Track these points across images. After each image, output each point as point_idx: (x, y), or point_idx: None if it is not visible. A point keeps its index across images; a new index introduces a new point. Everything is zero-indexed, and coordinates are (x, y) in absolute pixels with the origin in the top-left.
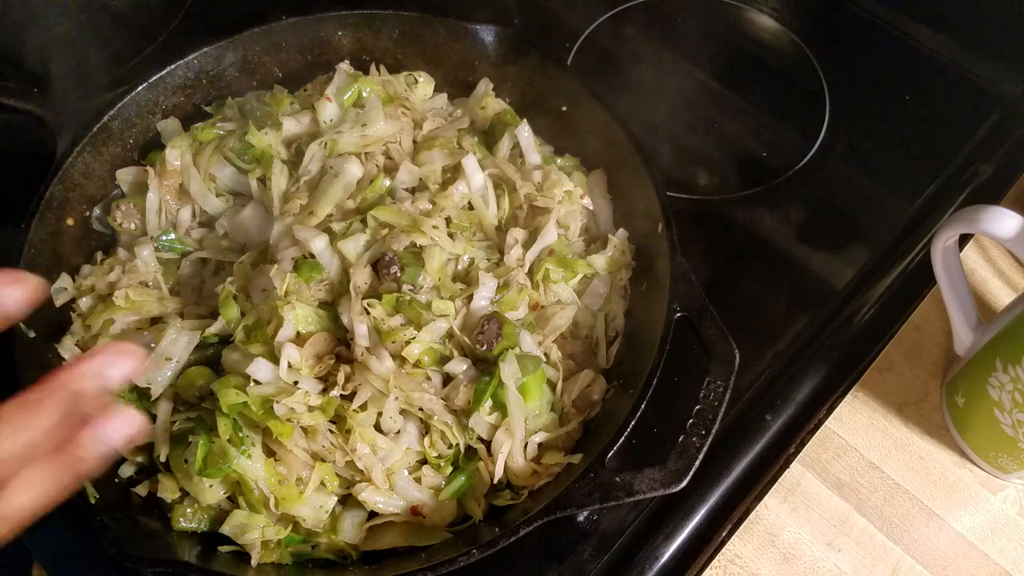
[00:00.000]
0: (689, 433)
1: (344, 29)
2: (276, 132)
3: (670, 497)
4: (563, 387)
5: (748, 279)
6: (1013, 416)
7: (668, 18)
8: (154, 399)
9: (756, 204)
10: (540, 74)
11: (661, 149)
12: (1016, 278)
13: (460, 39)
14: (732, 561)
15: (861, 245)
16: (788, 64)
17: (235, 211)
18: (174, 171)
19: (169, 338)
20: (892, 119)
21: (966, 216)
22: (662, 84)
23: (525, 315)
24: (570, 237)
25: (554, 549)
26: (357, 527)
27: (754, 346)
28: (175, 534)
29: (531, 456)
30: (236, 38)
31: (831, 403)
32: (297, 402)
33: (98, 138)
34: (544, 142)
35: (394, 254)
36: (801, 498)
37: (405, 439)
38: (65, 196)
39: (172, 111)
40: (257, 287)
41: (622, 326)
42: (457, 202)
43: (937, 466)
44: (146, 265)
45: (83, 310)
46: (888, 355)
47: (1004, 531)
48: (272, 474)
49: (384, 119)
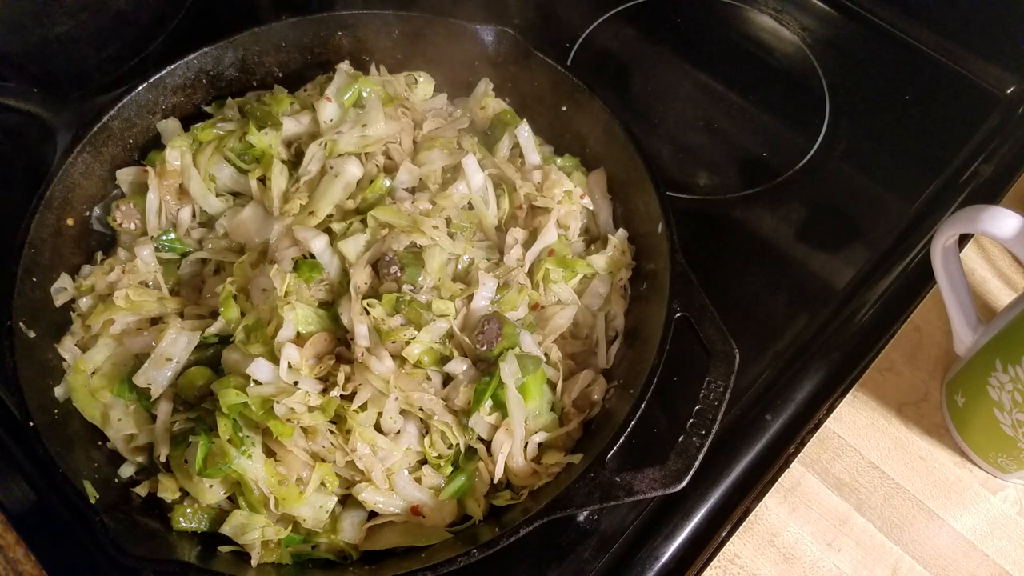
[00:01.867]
0: (689, 433)
1: (344, 29)
2: (276, 132)
3: (670, 497)
4: (563, 387)
5: (748, 279)
6: (1013, 416)
7: (668, 18)
8: (154, 399)
9: (756, 204)
10: (540, 74)
11: (661, 149)
12: (1016, 278)
13: (460, 39)
14: (732, 561)
15: (861, 245)
16: (788, 64)
17: (235, 211)
18: (174, 171)
19: (169, 338)
20: (892, 119)
21: (966, 216)
22: (662, 84)
23: (525, 315)
24: (570, 237)
25: (554, 549)
26: (357, 527)
27: (754, 346)
28: (175, 534)
29: (531, 456)
30: (236, 38)
31: (831, 403)
32: (297, 402)
33: (98, 138)
34: (544, 142)
35: (394, 254)
36: (801, 498)
37: (405, 439)
38: (65, 196)
39: (172, 111)
40: (257, 287)
41: (622, 326)
42: (457, 202)
43: (937, 466)
44: (146, 265)
45: (83, 310)
46: (888, 355)
47: (1004, 531)
48: (272, 474)
49: (384, 119)
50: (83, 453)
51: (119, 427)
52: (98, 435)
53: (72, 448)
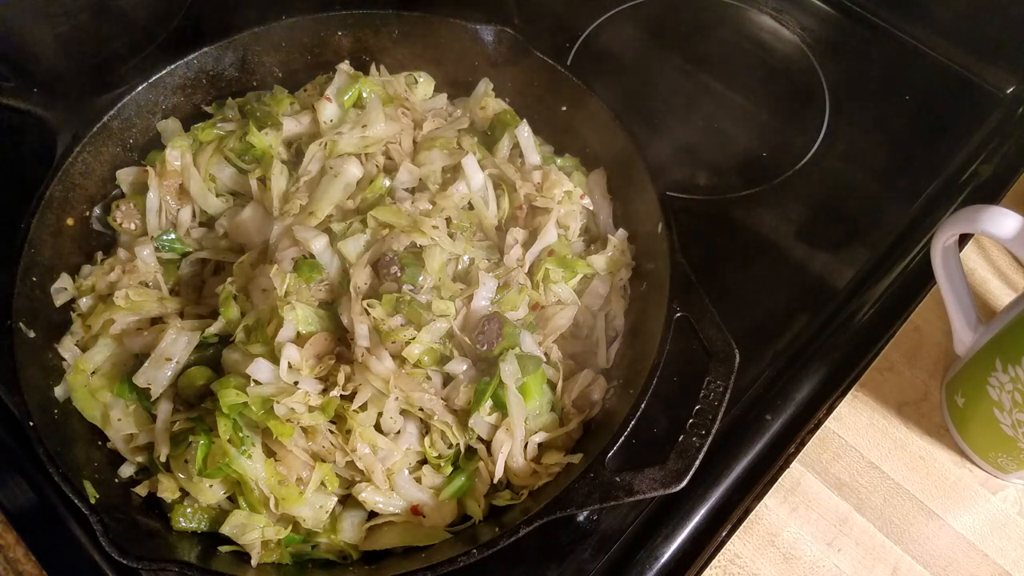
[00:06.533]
0: (689, 433)
1: (344, 29)
2: (276, 132)
3: (670, 497)
4: (563, 387)
5: (748, 279)
6: (1013, 416)
7: (668, 18)
8: (154, 399)
9: (756, 204)
10: (540, 74)
11: (661, 149)
12: (1016, 278)
13: (460, 39)
14: (732, 561)
15: (861, 245)
16: (788, 64)
17: (235, 211)
18: (174, 171)
19: (169, 338)
20: (892, 119)
21: (966, 216)
22: (662, 84)
23: (525, 315)
24: (570, 237)
25: (554, 549)
26: (357, 527)
27: (754, 346)
28: (175, 534)
29: (531, 456)
30: (236, 38)
31: (831, 403)
32: (297, 402)
33: (98, 138)
34: (544, 142)
35: (394, 254)
36: (801, 498)
37: (405, 439)
38: (65, 196)
39: (172, 111)
40: (257, 287)
41: (622, 326)
42: (457, 202)
43: (937, 466)
44: (146, 265)
45: (83, 310)
46: (888, 355)
47: (1004, 531)
48: (272, 474)
49: (384, 120)
50: (83, 453)
51: (119, 427)
52: (98, 435)
53: (72, 448)
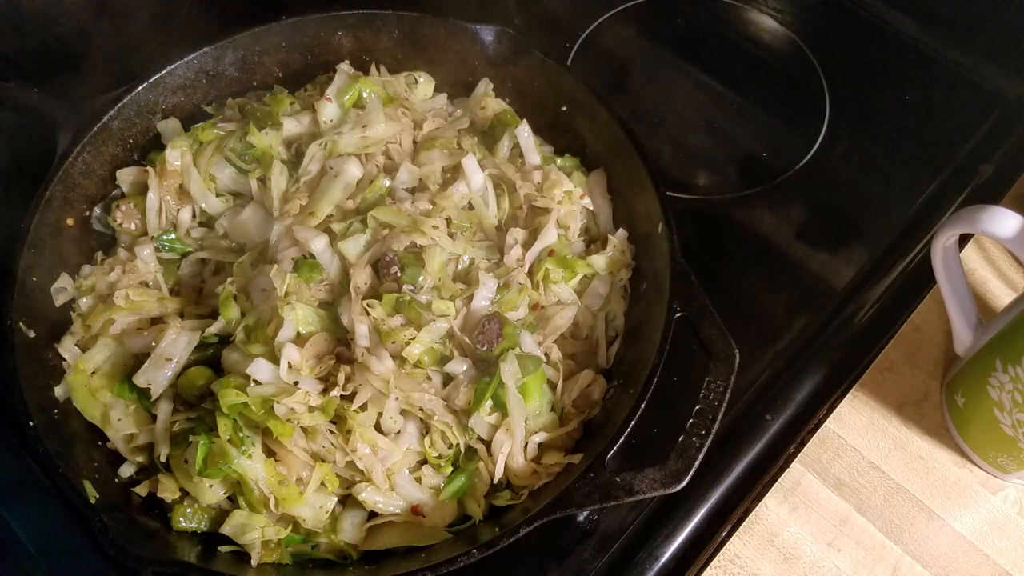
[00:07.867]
0: (689, 433)
1: (344, 29)
2: (276, 132)
3: (670, 497)
4: (563, 387)
5: (748, 279)
6: (1013, 416)
7: (668, 18)
8: (154, 399)
9: (756, 204)
10: (540, 74)
11: (661, 149)
12: (1016, 278)
13: (460, 39)
14: (732, 561)
15: (861, 245)
16: (788, 64)
17: (235, 211)
18: (174, 171)
19: (169, 338)
20: (892, 119)
21: (966, 216)
22: (662, 84)
23: (525, 315)
24: (570, 237)
25: (554, 549)
26: (357, 527)
27: (754, 346)
28: (175, 534)
29: (531, 456)
30: (236, 38)
31: (831, 403)
32: (297, 402)
33: (98, 138)
34: (544, 142)
35: (394, 254)
36: (801, 498)
37: (405, 439)
38: (65, 196)
39: (172, 111)
40: (257, 287)
41: (622, 326)
42: (457, 202)
43: (937, 466)
44: (146, 265)
45: (83, 310)
46: (888, 355)
47: (1004, 531)
48: (272, 474)
49: (384, 120)
50: (83, 453)
51: (119, 427)
52: (98, 435)
53: (72, 448)
